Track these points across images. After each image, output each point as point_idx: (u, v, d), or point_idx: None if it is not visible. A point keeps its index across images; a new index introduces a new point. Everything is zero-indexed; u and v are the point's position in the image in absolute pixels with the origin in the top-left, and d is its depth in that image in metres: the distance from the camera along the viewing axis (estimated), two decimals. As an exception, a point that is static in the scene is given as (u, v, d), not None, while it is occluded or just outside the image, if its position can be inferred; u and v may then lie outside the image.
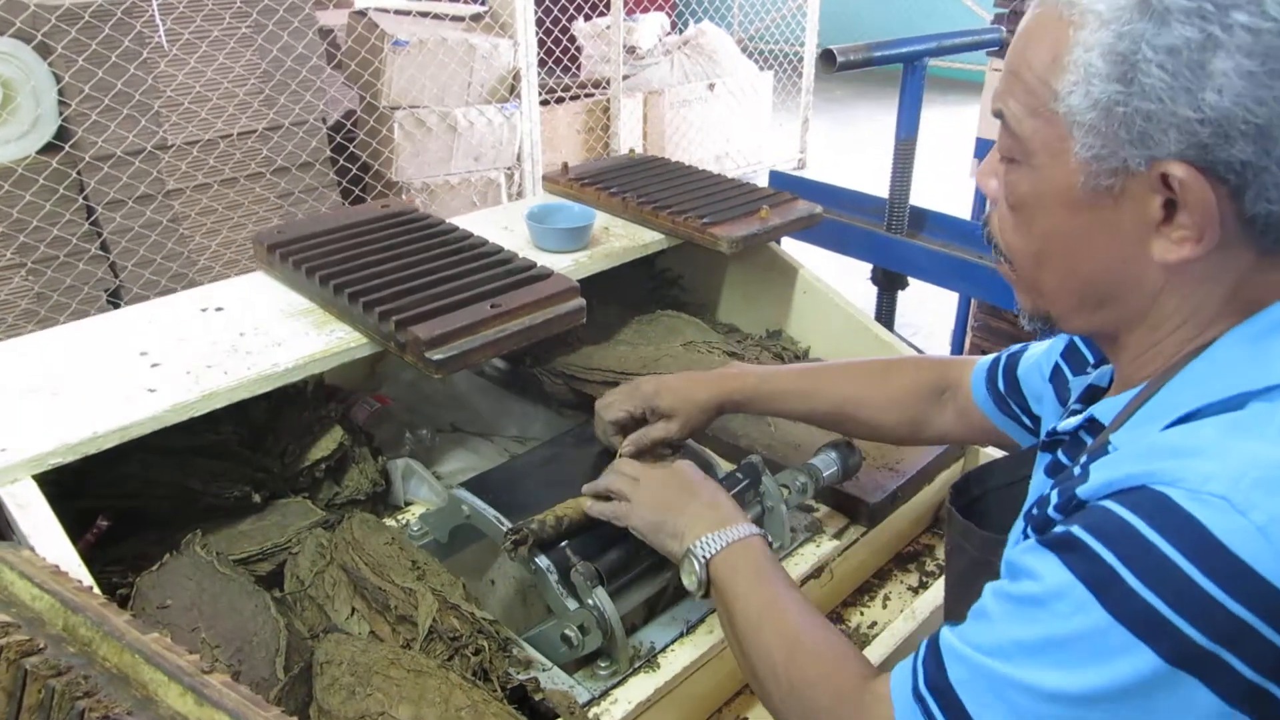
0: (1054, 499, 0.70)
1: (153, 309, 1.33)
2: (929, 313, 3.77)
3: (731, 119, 5.73)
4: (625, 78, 5.19)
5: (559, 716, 1.00)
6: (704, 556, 0.97)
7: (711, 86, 5.57)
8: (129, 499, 1.17)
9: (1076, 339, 0.95)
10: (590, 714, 1.01)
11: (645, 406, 1.22)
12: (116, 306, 3.13)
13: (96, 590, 0.88)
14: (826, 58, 1.81)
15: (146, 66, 3.11)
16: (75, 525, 1.14)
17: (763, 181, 1.92)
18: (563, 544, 1.10)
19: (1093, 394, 0.86)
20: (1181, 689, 0.59)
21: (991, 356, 1.11)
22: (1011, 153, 0.73)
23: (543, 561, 1.10)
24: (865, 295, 2.28)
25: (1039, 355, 1.03)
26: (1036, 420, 1.04)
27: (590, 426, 1.36)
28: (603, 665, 1.07)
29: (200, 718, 0.71)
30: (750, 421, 1.49)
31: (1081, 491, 0.66)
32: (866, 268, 2.21)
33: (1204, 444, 0.62)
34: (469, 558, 1.32)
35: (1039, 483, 0.84)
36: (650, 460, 1.21)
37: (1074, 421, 0.79)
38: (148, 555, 1.11)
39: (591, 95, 5.07)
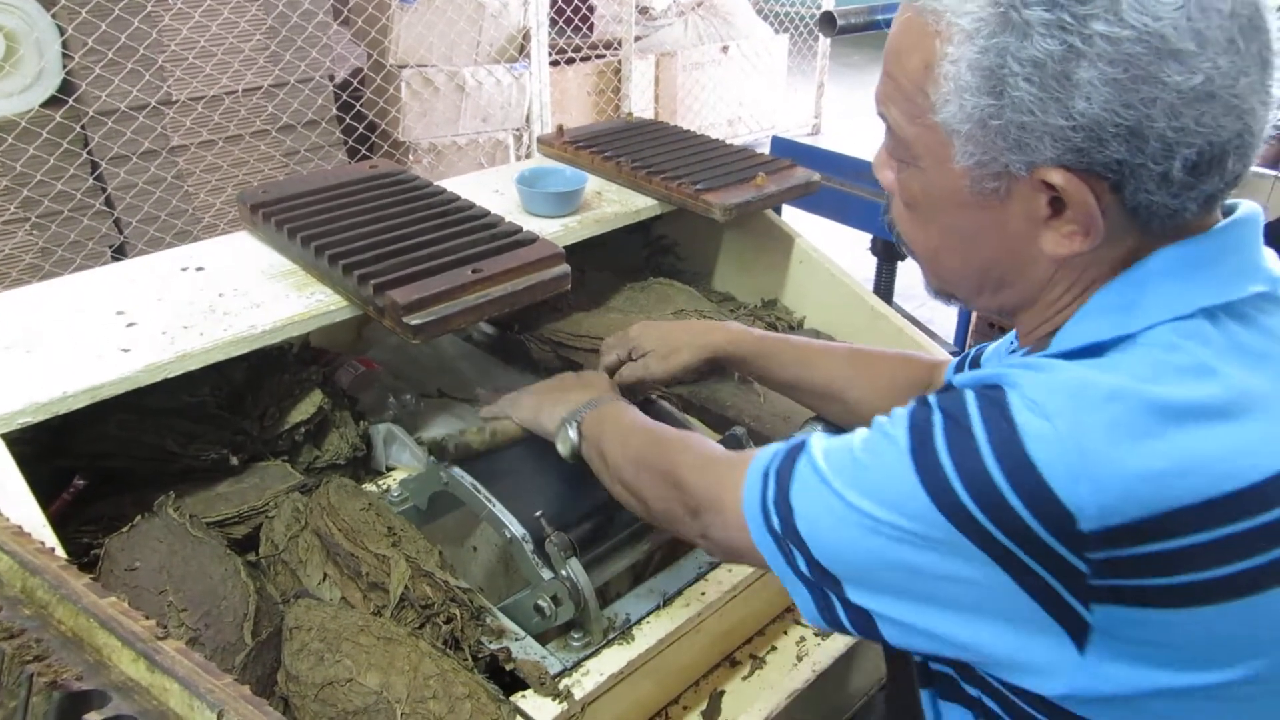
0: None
1: (133, 267, 1.31)
2: (938, 283, 3.72)
3: (745, 82, 5.64)
4: (637, 39, 5.11)
5: (529, 686, 1.00)
6: (576, 420, 1.06)
7: (725, 49, 5.49)
8: (106, 459, 1.17)
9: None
10: (561, 685, 1.00)
11: (629, 347, 1.24)
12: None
13: (59, 552, 0.88)
14: (826, 20, 1.77)
15: (151, 20, 3.08)
16: (53, 484, 1.14)
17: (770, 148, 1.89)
18: (537, 513, 1.09)
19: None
20: (965, 555, 0.64)
21: (965, 353, 1.10)
22: (899, 155, 0.76)
23: (517, 530, 1.09)
24: (867, 266, 2.25)
25: (1002, 342, 1.02)
26: None
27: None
28: (576, 636, 1.06)
29: (151, 684, 0.71)
30: (739, 392, 1.47)
31: (957, 379, 0.71)
32: (864, 237, 2.17)
33: (1053, 366, 0.67)
34: (450, 524, 1.31)
35: None
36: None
37: (969, 374, 0.83)
38: (123, 516, 1.11)
39: (603, 56, 5.00)
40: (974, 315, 2.81)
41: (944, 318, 3.44)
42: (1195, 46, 0.61)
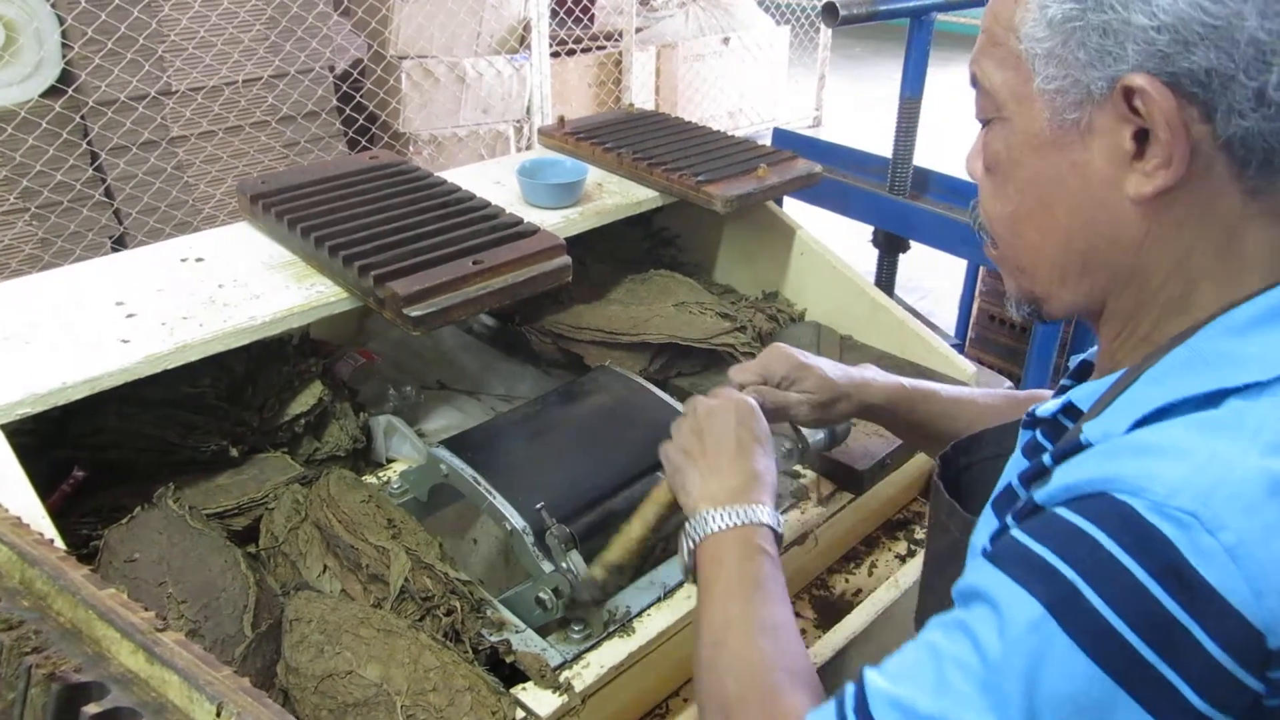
0: (1018, 498, 0.67)
1: (132, 258, 1.31)
2: (940, 276, 3.72)
3: (746, 74, 5.63)
4: (638, 30, 5.10)
5: (530, 679, 1.00)
6: (694, 539, 0.89)
7: (726, 41, 5.47)
8: (106, 450, 1.17)
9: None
10: (562, 677, 1.00)
11: (781, 370, 1.09)
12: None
13: (59, 543, 0.88)
14: (829, 10, 1.76)
15: (150, 10, 3.07)
16: (53, 475, 1.14)
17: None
18: (539, 505, 1.08)
19: (1083, 369, 0.82)
20: (1120, 711, 0.55)
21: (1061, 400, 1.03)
22: (986, 113, 0.72)
23: (518, 522, 1.08)
24: (868, 258, 2.25)
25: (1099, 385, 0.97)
26: None
27: (574, 385, 1.34)
28: (576, 629, 1.06)
29: (150, 676, 0.71)
30: (740, 384, 1.47)
31: (1040, 495, 0.62)
32: (866, 230, 2.17)
33: (1172, 446, 0.58)
34: (450, 516, 1.31)
35: (1015, 461, 0.81)
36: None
37: (1054, 405, 0.75)
38: (123, 507, 1.10)
39: (603, 48, 4.99)
40: (975, 308, 2.80)
41: (945, 310, 3.44)
42: None
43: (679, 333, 1.46)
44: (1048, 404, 0.76)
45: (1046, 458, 0.67)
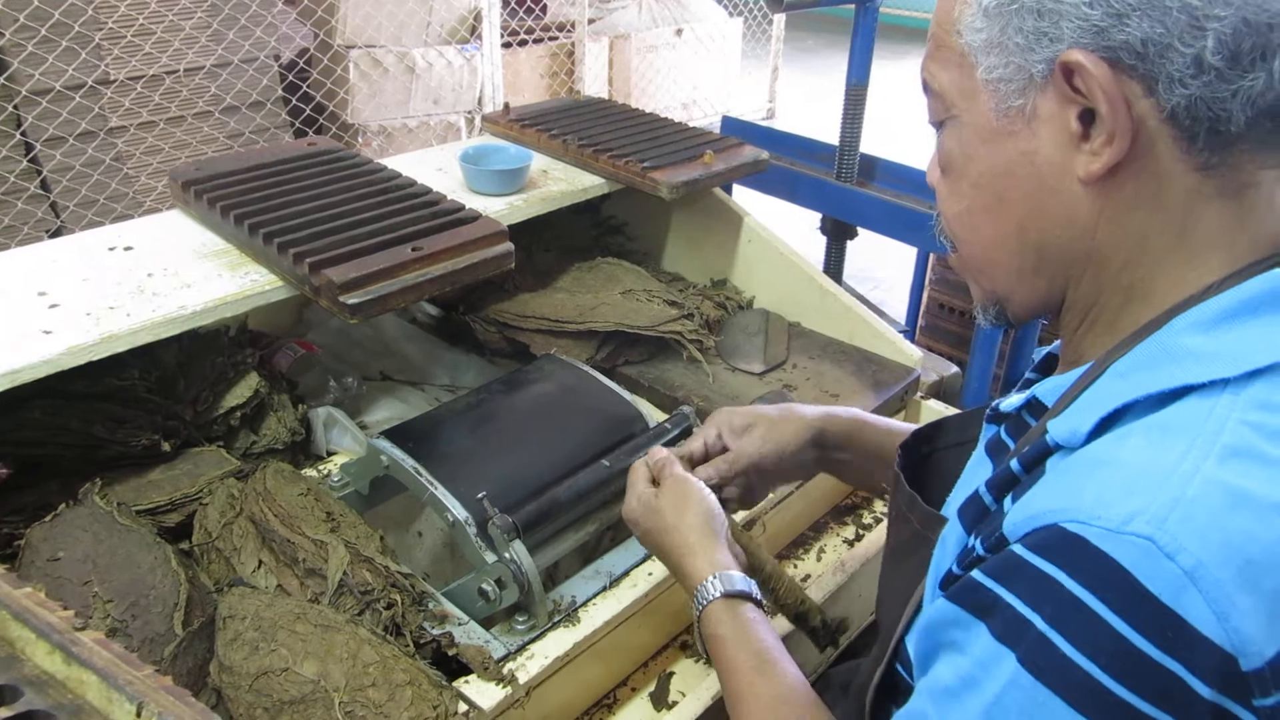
0: (989, 508, 0.66)
1: (56, 247, 1.26)
2: (891, 265, 3.74)
3: (700, 66, 5.62)
4: (591, 21, 5.07)
5: (473, 672, 0.98)
6: (697, 610, 0.91)
7: (679, 32, 5.46)
8: (30, 447, 1.12)
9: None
10: (505, 669, 0.98)
11: (721, 428, 1.07)
12: (57, 248, 3.03)
13: (-26, 542, 0.84)
14: (774, -4, 1.75)
15: (86, -4, 2.99)
16: (-26, 473, 1.10)
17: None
18: (480, 495, 1.06)
19: (1048, 363, 0.81)
20: None
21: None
22: (937, 115, 0.72)
23: (460, 513, 1.06)
24: (817, 245, 2.25)
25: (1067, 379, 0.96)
26: None
27: (519, 373, 1.32)
28: (521, 620, 1.04)
29: (67, 677, 0.68)
30: (687, 372, 1.46)
31: (1006, 526, 0.61)
32: (814, 217, 2.16)
33: (1125, 462, 0.56)
34: (395, 509, 1.28)
35: (978, 459, 0.80)
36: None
37: (1018, 400, 0.74)
38: (50, 506, 1.06)
39: (555, 38, 4.95)
40: (925, 295, 2.82)
41: (897, 299, 3.46)
42: None
43: (626, 320, 1.45)
44: (1011, 399, 0.75)
45: (1014, 463, 0.66)
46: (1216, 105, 0.59)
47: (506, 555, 1.03)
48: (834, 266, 2.15)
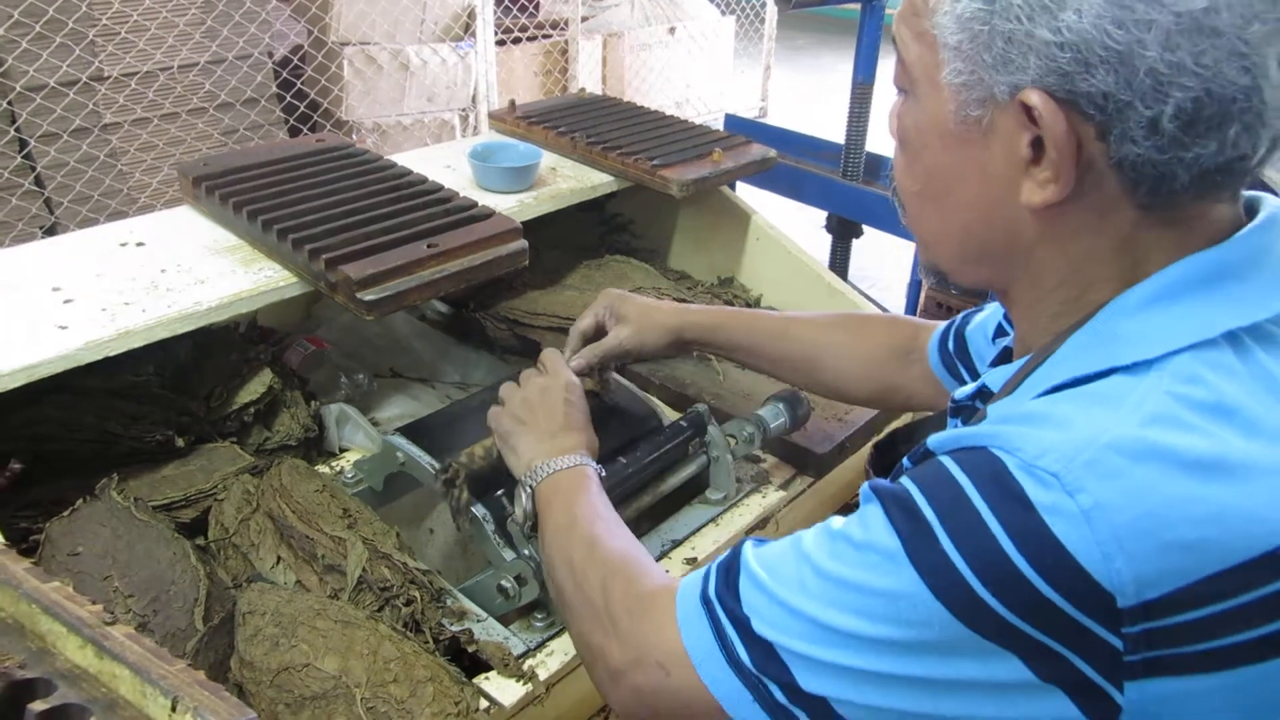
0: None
1: (69, 242, 1.26)
2: (888, 265, 3.75)
3: (692, 64, 5.63)
4: (584, 19, 5.07)
5: (493, 668, 0.98)
6: (530, 485, 0.98)
7: (672, 30, 5.46)
8: (45, 442, 1.12)
9: None
10: (525, 665, 0.98)
11: (607, 310, 1.19)
12: (51, 244, 3.01)
13: (-2, 537, 0.84)
14: (783, -6, 1.76)
15: (80, -8, 2.97)
16: (-13, 468, 1.09)
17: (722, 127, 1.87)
18: (499, 492, 1.06)
19: (1005, 355, 0.84)
20: (985, 654, 0.58)
21: (952, 319, 1.07)
22: (901, 83, 0.72)
23: (479, 510, 1.06)
24: (819, 243, 2.25)
25: (989, 313, 1.00)
26: None
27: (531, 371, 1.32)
28: (539, 616, 1.04)
29: (100, 671, 0.68)
30: (698, 370, 1.46)
31: (931, 442, 0.65)
32: (819, 215, 2.17)
33: (1055, 415, 0.60)
34: (406, 505, 1.28)
35: None
36: (594, 385, 1.20)
37: (970, 389, 0.77)
38: (64, 500, 1.06)
39: (549, 36, 4.95)
40: (922, 294, 2.83)
41: (894, 298, 3.47)
42: None
43: (636, 318, 1.45)
44: (965, 388, 0.78)
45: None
46: (1163, 166, 0.59)
47: (526, 552, 1.03)
48: (839, 264, 2.15)
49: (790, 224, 1.98)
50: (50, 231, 3.13)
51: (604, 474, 1.01)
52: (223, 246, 1.25)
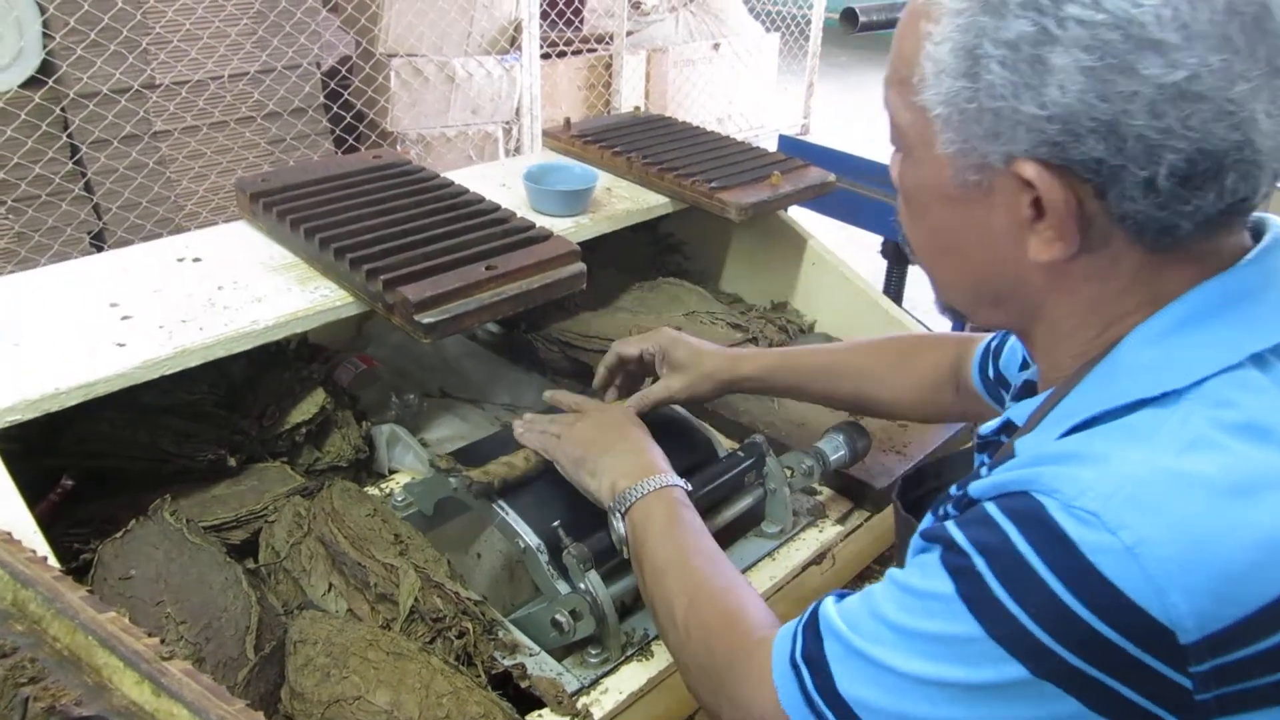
0: (955, 495, 0.70)
1: (126, 256, 1.25)
2: (924, 286, 3.69)
3: (735, 80, 5.60)
4: (629, 34, 5.06)
5: (546, 705, 0.95)
6: (621, 511, 0.97)
7: (716, 46, 5.44)
8: (97, 459, 1.11)
9: None
10: (579, 704, 0.95)
11: (660, 351, 1.20)
12: (100, 249, 3.04)
13: (52, 560, 0.82)
14: (848, 16, 1.73)
15: (135, 2, 2.99)
16: (39, 484, 1.08)
17: (768, 145, 1.84)
18: (555, 524, 1.04)
19: (1027, 389, 0.84)
20: (1048, 697, 0.58)
21: (988, 338, 1.06)
22: (897, 143, 0.72)
23: (532, 540, 1.04)
24: (871, 269, 2.21)
25: (1015, 340, 0.99)
26: None
27: (585, 396, 1.29)
28: (593, 652, 1.02)
29: (157, 709, 0.66)
30: (753, 398, 1.43)
31: (974, 489, 0.66)
32: (875, 239, 2.13)
33: (1089, 452, 0.60)
34: (454, 529, 1.26)
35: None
36: None
37: (995, 424, 0.78)
38: (115, 518, 1.05)
39: (594, 50, 4.95)
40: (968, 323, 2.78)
41: (945, 323, 3.41)
42: (1179, 39, 0.55)
43: (690, 343, 1.42)
44: (990, 424, 0.79)
45: (984, 470, 0.71)
46: (1164, 220, 0.60)
47: (582, 586, 1.00)
48: (894, 291, 2.12)
49: (841, 248, 1.95)
50: (98, 237, 3.16)
51: (690, 488, 1.01)
52: (279, 264, 1.24)
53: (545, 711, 0.94)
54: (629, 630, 1.05)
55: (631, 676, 1.00)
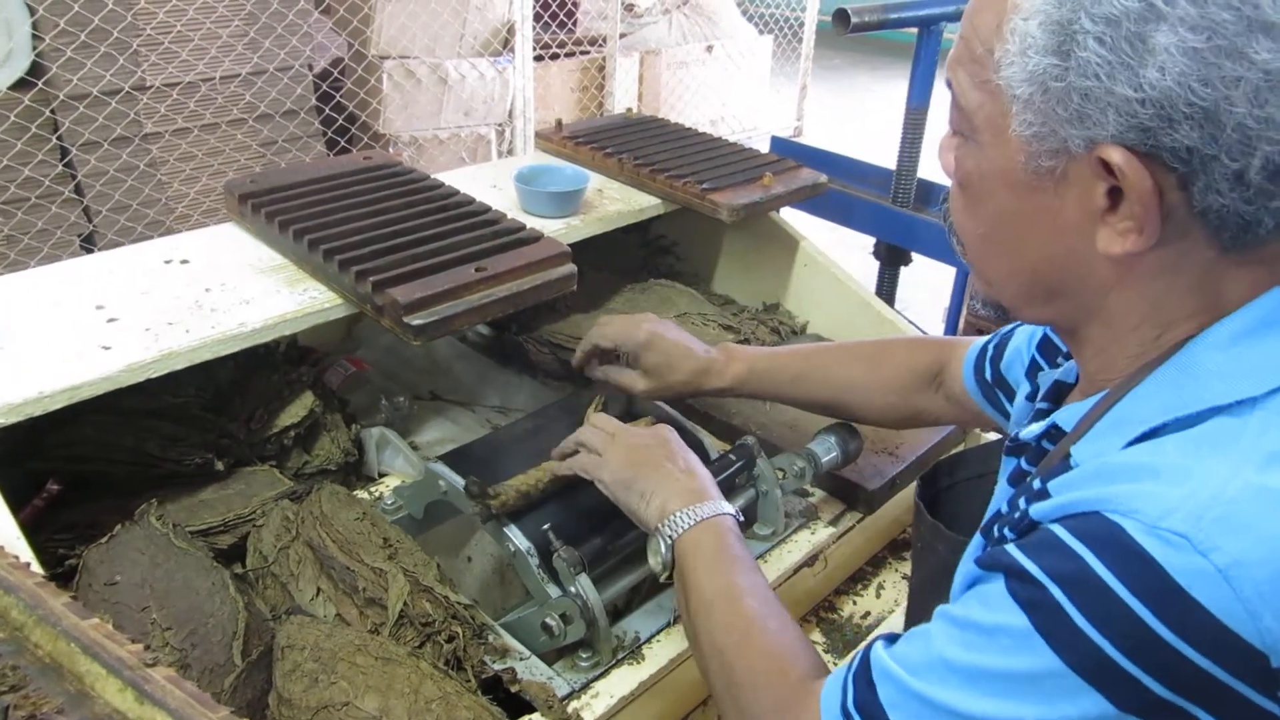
0: (1010, 516, 0.67)
1: (113, 259, 1.24)
2: (924, 288, 3.69)
3: (729, 83, 5.60)
4: (622, 36, 5.05)
5: (536, 710, 0.94)
6: (670, 537, 0.93)
7: (710, 48, 5.44)
8: (83, 463, 1.10)
9: (1048, 329, 0.90)
10: (570, 707, 0.95)
11: (634, 348, 1.20)
12: (90, 252, 3.02)
13: (35, 566, 0.81)
14: (840, 17, 1.72)
15: (125, 3, 2.98)
16: (24, 488, 1.07)
17: (761, 147, 1.84)
18: (545, 527, 1.03)
19: (1059, 390, 0.81)
20: None
21: (982, 341, 1.05)
22: (959, 127, 0.69)
23: (522, 543, 1.03)
24: (863, 269, 2.21)
25: (1020, 344, 0.97)
26: None
27: (576, 398, 1.29)
28: (584, 656, 1.01)
29: (140, 717, 0.65)
30: (745, 399, 1.42)
31: (1035, 511, 0.62)
32: (866, 240, 2.13)
33: (1166, 467, 0.57)
34: (444, 533, 1.25)
35: (1002, 490, 0.80)
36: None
37: (1037, 429, 0.75)
38: (101, 523, 1.04)
39: (587, 53, 4.94)
40: (962, 320, 2.78)
41: (925, 323, 3.41)
42: None
43: (682, 345, 1.41)
44: (1031, 428, 0.75)
45: (1037, 481, 0.66)
46: (1249, 215, 0.58)
47: (572, 590, 0.99)
48: (886, 292, 2.11)
49: (833, 249, 1.95)
50: (88, 240, 3.14)
51: (742, 519, 0.98)
52: (267, 265, 1.23)
53: (536, 716, 0.93)
54: (620, 634, 1.04)
55: (622, 680, 0.99)
